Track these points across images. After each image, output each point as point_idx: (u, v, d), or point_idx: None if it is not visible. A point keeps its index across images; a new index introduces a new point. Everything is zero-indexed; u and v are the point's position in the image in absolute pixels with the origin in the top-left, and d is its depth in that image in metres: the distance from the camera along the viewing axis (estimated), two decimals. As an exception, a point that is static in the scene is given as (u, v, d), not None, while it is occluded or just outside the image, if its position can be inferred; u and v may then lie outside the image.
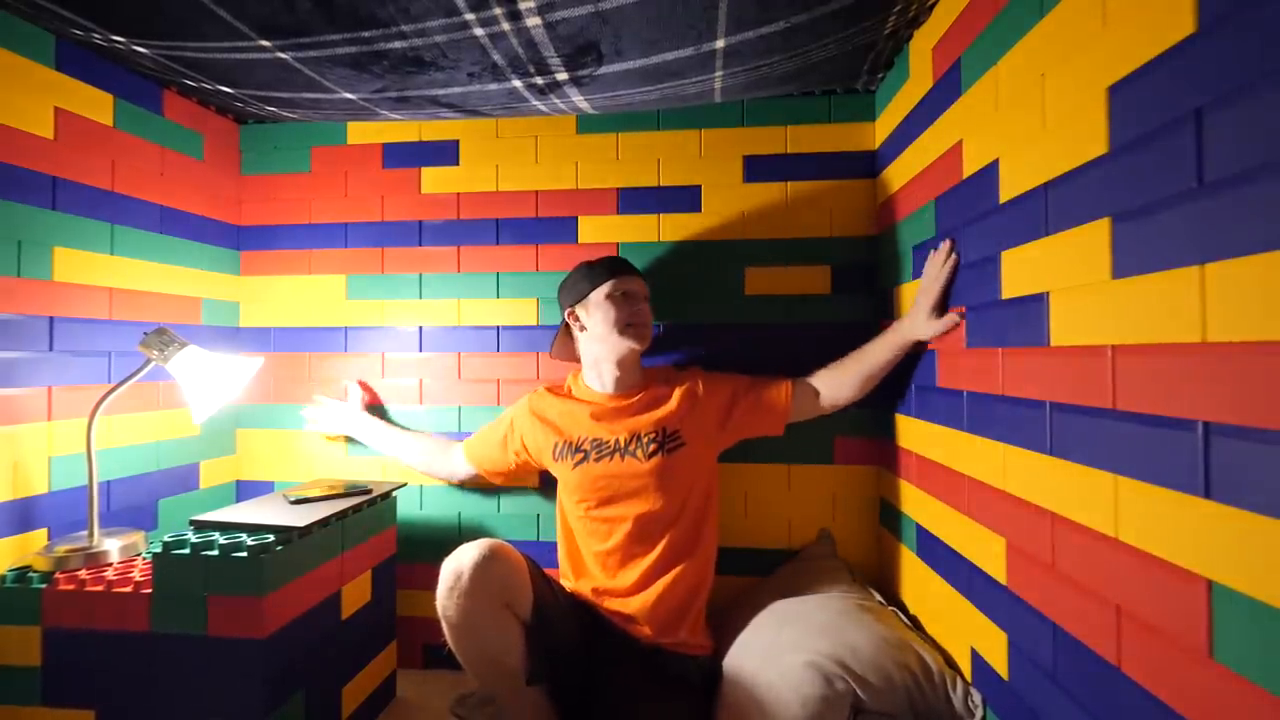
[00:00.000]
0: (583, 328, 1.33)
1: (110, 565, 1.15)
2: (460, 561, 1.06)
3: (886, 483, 1.45)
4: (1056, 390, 0.80)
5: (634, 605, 1.23)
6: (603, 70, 1.27)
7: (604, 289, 1.29)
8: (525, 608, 1.10)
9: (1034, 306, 0.84)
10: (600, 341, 1.30)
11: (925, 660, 1.08)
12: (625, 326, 1.27)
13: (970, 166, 1.02)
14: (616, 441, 1.28)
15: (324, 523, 1.20)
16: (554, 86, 1.35)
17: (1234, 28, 0.55)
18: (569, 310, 1.34)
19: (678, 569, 1.24)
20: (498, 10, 1.04)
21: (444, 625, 1.07)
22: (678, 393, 1.32)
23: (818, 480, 1.52)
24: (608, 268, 1.31)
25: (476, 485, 1.58)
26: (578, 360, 1.40)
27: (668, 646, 1.22)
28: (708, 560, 1.30)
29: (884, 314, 1.45)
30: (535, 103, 1.45)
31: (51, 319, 1.21)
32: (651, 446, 1.26)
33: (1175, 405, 0.61)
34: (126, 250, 1.36)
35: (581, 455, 1.28)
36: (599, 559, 1.29)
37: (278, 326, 1.68)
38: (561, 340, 1.41)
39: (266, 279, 1.68)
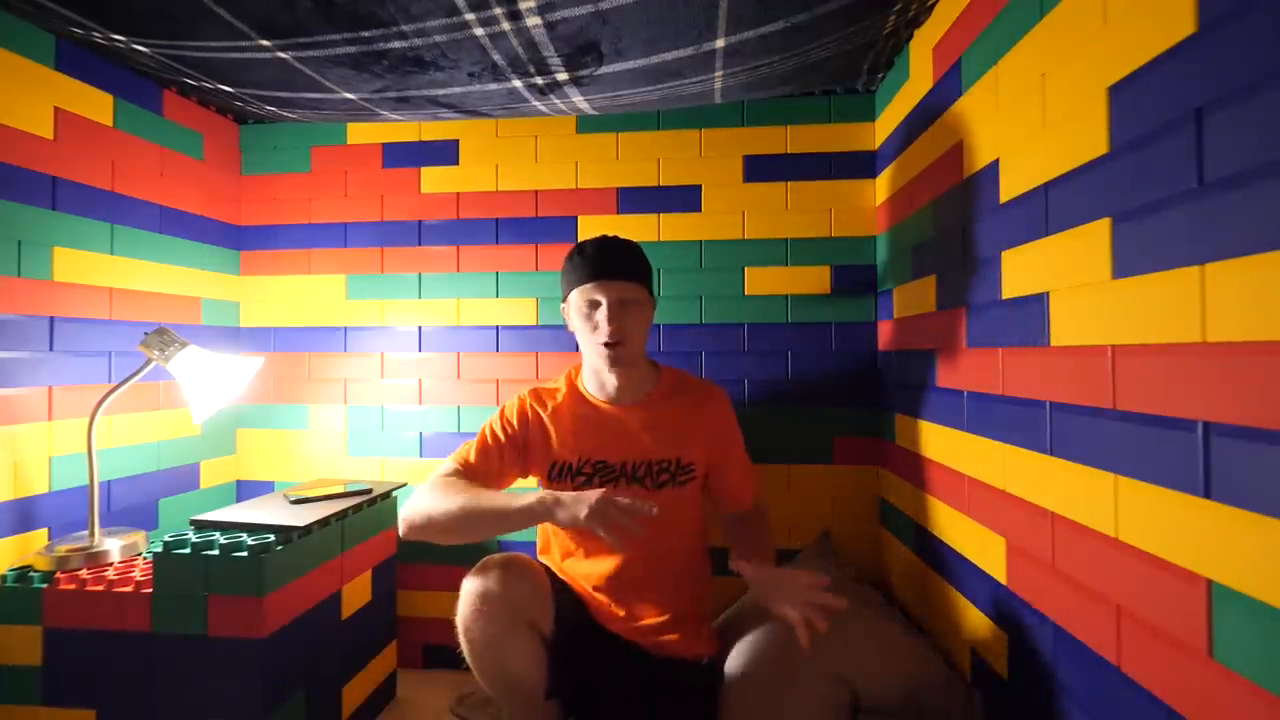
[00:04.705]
0: (572, 330, 1.21)
1: (111, 565, 1.15)
2: (485, 584, 1.02)
3: (886, 483, 1.45)
4: (1056, 390, 0.80)
5: (632, 625, 1.16)
6: (603, 70, 1.26)
7: (575, 297, 1.15)
8: (548, 624, 1.07)
9: (1034, 306, 0.84)
10: (586, 349, 1.18)
11: (925, 660, 1.08)
12: (599, 345, 1.12)
13: (970, 166, 1.02)
14: (623, 466, 1.16)
15: (324, 523, 1.20)
16: (554, 86, 1.35)
17: (1234, 28, 0.55)
18: (562, 305, 1.23)
19: (675, 595, 1.17)
20: (498, 10, 1.04)
21: (465, 646, 1.03)
22: (701, 425, 1.19)
23: (818, 480, 1.52)
24: (587, 265, 1.14)
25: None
26: None
27: (671, 656, 1.16)
28: (704, 571, 1.25)
29: (884, 314, 1.45)
30: (535, 103, 1.45)
31: (51, 319, 1.21)
32: (662, 476, 1.16)
33: (1175, 405, 0.61)
34: (126, 250, 1.36)
35: (584, 479, 1.17)
36: (589, 579, 1.18)
37: (278, 326, 1.68)
38: None
39: (266, 279, 1.68)
